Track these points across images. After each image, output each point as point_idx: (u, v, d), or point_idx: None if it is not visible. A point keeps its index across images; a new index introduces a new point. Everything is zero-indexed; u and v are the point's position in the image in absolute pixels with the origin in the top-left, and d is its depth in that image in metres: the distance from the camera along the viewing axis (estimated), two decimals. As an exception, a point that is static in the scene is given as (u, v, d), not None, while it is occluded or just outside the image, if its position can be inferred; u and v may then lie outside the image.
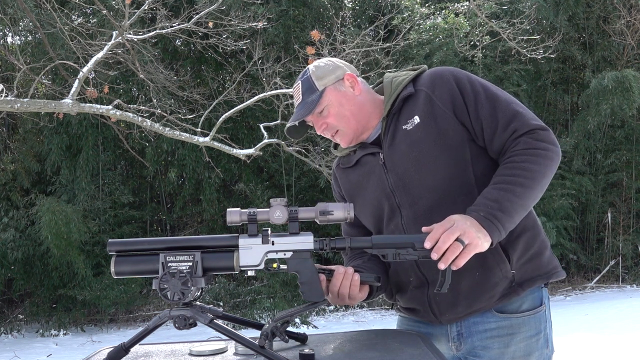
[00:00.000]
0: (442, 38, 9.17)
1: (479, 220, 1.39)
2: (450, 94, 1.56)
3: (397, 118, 1.63)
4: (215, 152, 8.30)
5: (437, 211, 1.54)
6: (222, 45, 7.94)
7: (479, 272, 1.55)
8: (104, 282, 8.58)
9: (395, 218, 1.62)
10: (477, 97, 1.55)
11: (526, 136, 1.49)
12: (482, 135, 1.55)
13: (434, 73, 1.63)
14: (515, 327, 1.59)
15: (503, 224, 1.40)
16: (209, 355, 1.43)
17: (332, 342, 1.50)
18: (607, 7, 10.23)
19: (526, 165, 1.44)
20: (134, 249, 1.37)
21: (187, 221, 10.64)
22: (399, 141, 1.61)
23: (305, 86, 1.66)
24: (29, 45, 8.95)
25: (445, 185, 1.56)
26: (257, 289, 9.20)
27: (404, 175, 1.60)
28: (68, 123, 8.69)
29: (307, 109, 1.63)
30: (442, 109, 1.56)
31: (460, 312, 1.60)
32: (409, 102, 1.62)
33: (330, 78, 1.65)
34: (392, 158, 1.61)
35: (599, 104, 9.35)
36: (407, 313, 1.77)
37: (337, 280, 1.47)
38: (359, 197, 1.71)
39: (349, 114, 1.64)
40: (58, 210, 8.01)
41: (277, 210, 1.36)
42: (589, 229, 10.56)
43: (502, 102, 1.54)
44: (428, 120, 1.57)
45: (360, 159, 1.71)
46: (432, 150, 1.56)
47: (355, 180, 1.72)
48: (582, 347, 5.80)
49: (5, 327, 8.86)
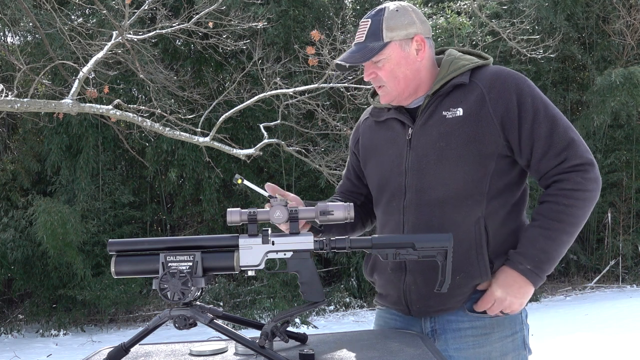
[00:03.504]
0: (443, 38, 9.16)
1: (525, 274, 1.50)
2: (506, 104, 1.52)
3: (441, 101, 1.59)
4: (215, 152, 8.30)
5: (441, 207, 1.55)
6: (222, 46, 7.94)
7: (460, 276, 1.55)
8: (104, 282, 8.57)
9: (398, 198, 1.61)
10: (536, 115, 1.51)
11: (576, 172, 1.49)
12: (529, 154, 1.52)
13: (497, 74, 1.56)
14: (489, 327, 1.59)
15: (547, 272, 1.51)
16: (209, 355, 1.43)
17: (332, 342, 1.50)
18: (607, 7, 10.23)
19: (573, 211, 1.49)
20: (134, 249, 1.37)
21: (187, 221, 10.64)
22: (432, 124, 1.58)
23: (372, 29, 1.58)
24: (29, 45, 8.94)
25: (457, 186, 1.55)
26: (257, 289, 9.20)
27: (423, 160, 1.58)
28: (68, 123, 8.69)
29: (364, 56, 1.58)
30: (491, 114, 1.52)
31: (431, 306, 1.60)
32: (459, 90, 1.57)
33: (400, 34, 1.58)
34: (420, 138, 1.59)
35: (604, 101, 9.34)
36: (381, 300, 1.77)
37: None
38: (374, 158, 1.71)
39: (402, 77, 1.60)
40: (54, 211, 7.98)
41: (277, 210, 1.36)
42: (589, 229, 10.55)
43: (560, 126, 1.51)
44: (471, 118, 1.54)
45: (390, 120, 1.68)
46: (460, 148, 1.54)
47: (377, 141, 1.71)
48: (582, 347, 5.80)
49: (5, 327, 8.86)
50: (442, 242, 1.37)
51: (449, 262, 1.37)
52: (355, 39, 1.62)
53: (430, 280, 1.54)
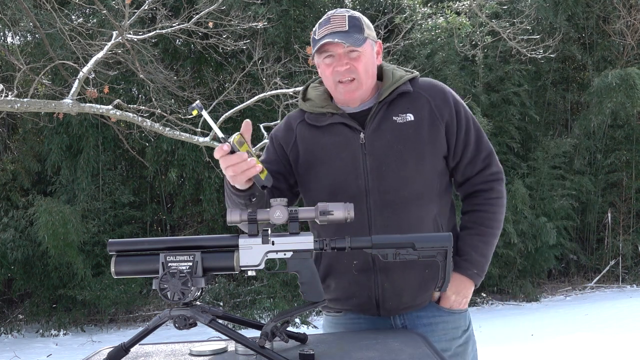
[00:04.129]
0: (443, 38, 9.17)
1: (472, 278, 1.71)
2: (448, 111, 1.68)
3: (388, 107, 1.68)
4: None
5: (406, 206, 1.63)
6: (222, 45, 7.93)
7: (428, 269, 1.66)
8: (104, 282, 8.57)
9: (359, 201, 1.63)
10: (468, 124, 1.71)
11: (497, 182, 1.74)
12: (460, 157, 1.71)
13: (433, 84, 1.74)
14: (457, 321, 1.73)
15: (485, 272, 1.74)
16: (209, 355, 1.43)
17: (332, 342, 1.50)
18: (607, 7, 10.23)
19: (498, 217, 1.74)
20: (134, 249, 1.37)
21: (187, 221, 10.64)
22: (385, 129, 1.66)
23: (353, 22, 1.64)
24: (29, 45, 8.94)
25: (417, 186, 1.65)
26: (257, 289, 9.19)
27: (383, 163, 1.64)
28: (68, 123, 8.69)
29: (356, 42, 1.61)
30: (439, 119, 1.67)
31: (404, 302, 1.67)
32: (404, 97, 1.69)
33: (372, 35, 1.69)
34: (374, 143, 1.65)
35: (602, 102, 9.34)
36: (339, 304, 1.75)
37: (237, 158, 1.41)
38: (322, 164, 1.70)
39: (371, 74, 1.68)
40: (55, 211, 7.98)
41: (277, 210, 1.36)
42: (589, 229, 10.55)
43: (484, 136, 1.76)
44: (422, 123, 1.66)
45: (335, 125, 1.70)
46: (417, 150, 1.64)
47: (324, 145, 1.70)
48: (582, 347, 5.80)
49: (5, 327, 8.86)
50: (442, 242, 1.38)
51: (449, 262, 1.38)
52: (334, 28, 1.63)
53: (401, 278, 1.64)
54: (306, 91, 1.83)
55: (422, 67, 8.65)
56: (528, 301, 9.36)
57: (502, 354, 5.54)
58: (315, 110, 1.74)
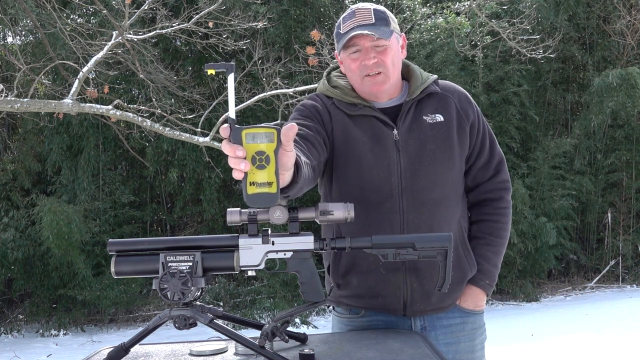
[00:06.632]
0: (443, 38, 9.16)
1: (485, 288, 1.73)
2: (472, 114, 1.72)
3: (417, 106, 1.68)
4: (216, 152, 8.29)
5: (437, 207, 1.64)
6: (223, 45, 7.93)
7: (454, 272, 1.65)
8: (104, 282, 8.57)
9: (393, 199, 1.61)
10: (484, 129, 1.75)
11: (505, 190, 1.77)
12: (474, 161, 1.73)
13: (456, 87, 1.76)
14: (476, 322, 1.75)
15: (496, 281, 1.77)
16: (209, 355, 1.43)
17: (332, 342, 1.50)
18: (607, 7, 10.23)
19: (507, 226, 1.77)
20: (134, 249, 1.37)
21: (187, 221, 10.63)
22: (417, 128, 1.65)
23: (380, 15, 1.62)
24: (29, 45, 8.94)
25: (448, 187, 1.66)
26: (257, 289, 9.19)
27: (417, 163, 1.63)
28: (68, 123, 8.69)
29: (384, 34, 1.58)
30: (465, 123, 1.70)
31: (432, 304, 1.67)
32: (432, 98, 1.69)
33: (397, 27, 1.68)
34: (408, 141, 1.64)
35: (602, 102, 9.34)
36: (360, 302, 1.68)
37: (230, 150, 1.18)
38: (354, 154, 1.63)
39: (397, 67, 1.67)
40: (59, 211, 8.00)
41: (277, 211, 1.35)
42: (589, 229, 10.55)
43: (496, 143, 1.79)
44: (451, 125, 1.67)
45: (368, 117, 1.65)
46: (448, 151, 1.65)
47: (356, 135, 1.64)
48: (582, 347, 5.80)
49: (5, 327, 8.86)
50: (442, 242, 1.37)
51: (449, 262, 1.38)
52: (361, 21, 1.59)
53: (430, 279, 1.64)
54: (329, 78, 1.76)
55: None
56: (528, 301, 9.35)
57: (502, 354, 5.54)
58: (345, 98, 1.67)
